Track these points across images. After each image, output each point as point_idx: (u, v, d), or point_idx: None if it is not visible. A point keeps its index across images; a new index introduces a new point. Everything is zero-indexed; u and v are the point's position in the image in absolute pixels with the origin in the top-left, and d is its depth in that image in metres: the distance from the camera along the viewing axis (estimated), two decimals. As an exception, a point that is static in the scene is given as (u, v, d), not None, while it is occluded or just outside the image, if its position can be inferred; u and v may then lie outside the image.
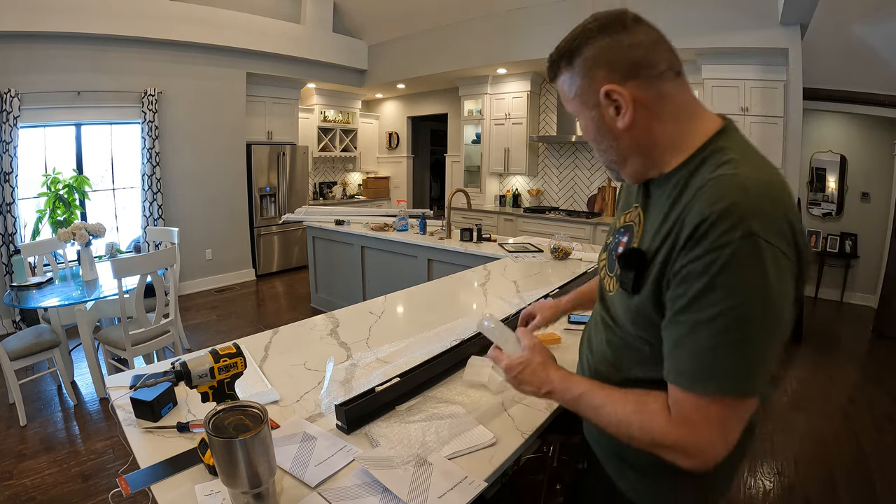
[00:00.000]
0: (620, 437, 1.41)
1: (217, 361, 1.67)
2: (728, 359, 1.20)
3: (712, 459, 1.25)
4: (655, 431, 1.31)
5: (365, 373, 2.39)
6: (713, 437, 1.25)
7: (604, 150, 1.49)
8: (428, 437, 1.83)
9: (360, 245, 7.06)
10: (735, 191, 1.21)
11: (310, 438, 1.83)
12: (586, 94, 1.43)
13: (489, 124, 10.51)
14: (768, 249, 1.16)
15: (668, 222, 1.34)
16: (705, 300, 1.20)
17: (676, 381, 1.29)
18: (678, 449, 1.28)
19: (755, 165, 1.31)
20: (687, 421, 1.27)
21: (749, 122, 7.13)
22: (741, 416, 1.25)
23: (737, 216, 1.17)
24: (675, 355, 1.29)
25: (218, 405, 1.48)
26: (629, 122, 1.39)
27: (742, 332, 1.18)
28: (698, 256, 1.21)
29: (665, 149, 1.42)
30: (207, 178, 9.29)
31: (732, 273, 1.17)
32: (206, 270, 9.56)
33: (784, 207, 1.22)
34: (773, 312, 1.19)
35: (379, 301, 3.64)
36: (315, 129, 12.04)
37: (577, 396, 1.50)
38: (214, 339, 6.89)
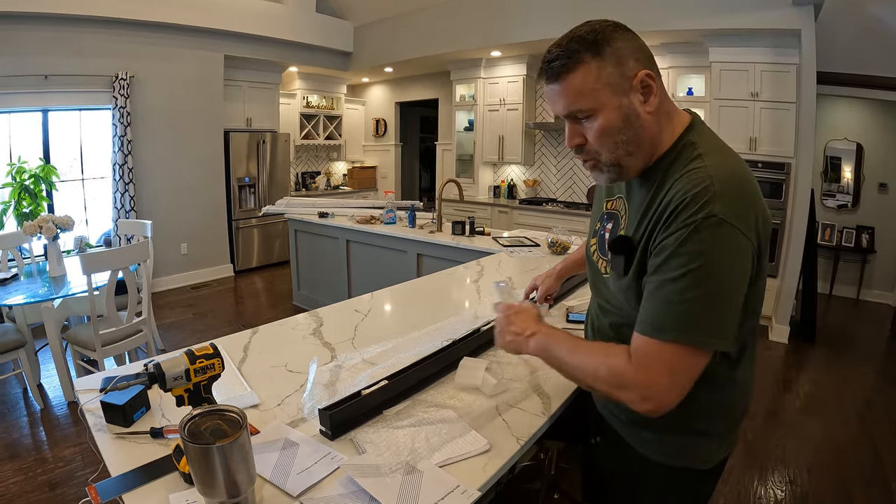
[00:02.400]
0: (587, 381, 1.67)
1: (193, 363, 1.66)
2: (685, 312, 1.47)
3: (664, 403, 1.50)
4: (618, 370, 1.56)
5: (350, 375, 2.38)
6: (664, 381, 1.50)
7: (623, 141, 1.62)
8: (417, 444, 1.82)
9: (345, 239, 7.06)
10: (703, 181, 1.49)
11: (292, 445, 1.82)
12: (619, 82, 1.57)
13: (482, 110, 10.51)
14: (727, 227, 1.44)
15: (650, 211, 1.63)
16: (671, 264, 1.50)
17: (640, 329, 1.56)
18: (634, 390, 1.52)
19: (721, 157, 1.59)
20: (643, 365, 1.52)
21: (759, 108, 7.16)
22: (689, 367, 1.50)
23: (702, 201, 1.46)
24: (643, 309, 1.58)
25: (194, 409, 1.48)
26: (656, 105, 1.61)
27: (698, 290, 1.46)
28: (670, 234, 1.51)
29: (658, 139, 1.66)
30: (183, 167, 9.26)
31: (694, 244, 1.46)
32: (182, 266, 9.52)
33: (746, 193, 1.51)
34: (727, 276, 1.47)
35: (365, 299, 3.63)
36: (297, 116, 12.03)
37: (555, 341, 1.78)
38: (190, 338, 6.86)
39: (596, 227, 2.01)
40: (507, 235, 6.15)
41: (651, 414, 1.52)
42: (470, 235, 6.08)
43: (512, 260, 4.87)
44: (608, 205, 1.93)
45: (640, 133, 1.60)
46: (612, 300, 1.84)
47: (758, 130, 7.20)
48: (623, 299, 1.74)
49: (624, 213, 1.80)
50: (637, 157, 1.65)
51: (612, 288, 1.81)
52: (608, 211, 1.92)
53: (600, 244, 1.93)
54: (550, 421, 2.08)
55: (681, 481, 1.83)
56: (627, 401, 1.54)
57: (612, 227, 1.85)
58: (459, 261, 5.33)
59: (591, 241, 2.02)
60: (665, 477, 1.83)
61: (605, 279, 1.86)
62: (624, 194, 1.84)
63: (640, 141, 1.62)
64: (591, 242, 2.03)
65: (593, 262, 1.98)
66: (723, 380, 1.69)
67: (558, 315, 3.22)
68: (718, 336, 1.48)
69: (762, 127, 7.19)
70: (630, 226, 1.72)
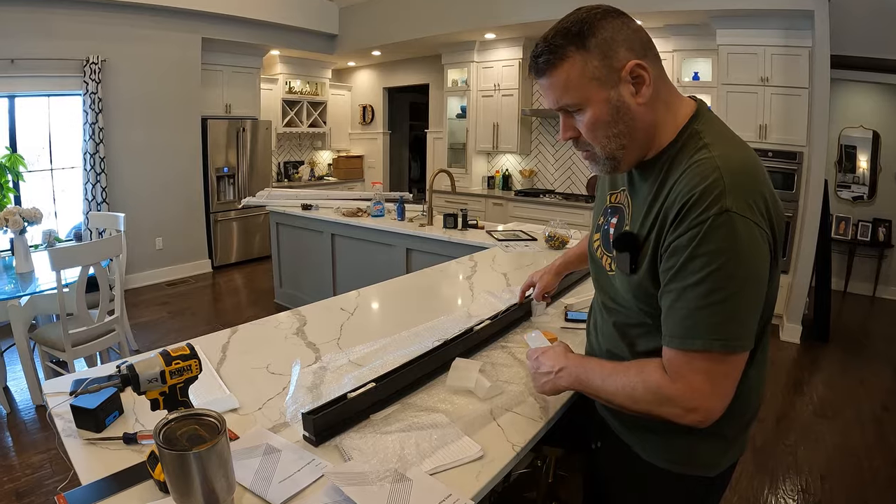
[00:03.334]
0: (626, 404, 1.68)
1: (168, 364, 1.65)
2: (711, 318, 1.48)
3: (711, 410, 1.53)
4: (656, 388, 1.58)
5: (335, 377, 2.37)
6: (705, 390, 1.51)
7: (615, 134, 1.63)
8: (407, 450, 1.82)
9: (330, 233, 7.06)
10: (711, 173, 1.49)
11: (273, 451, 1.82)
12: (606, 75, 1.58)
13: (476, 96, 10.52)
14: (741, 221, 1.44)
15: (656, 205, 1.63)
16: (689, 268, 1.49)
17: (669, 343, 1.57)
18: (677, 403, 1.54)
19: (728, 146, 1.59)
20: (680, 376, 1.54)
21: (769, 93, 7.17)
22: (727, 371, 1.52)
23: (713, 196, 1.46)
24: (667, 321, 1.58)
25: (169, 413, 1.47)
26: (649, 96, 1.60)
27: (722, 293, 1.46)
28: (682, 233, 1.51)
29: (657, 130, 1.66)
30: (157, 156, 9.24)
31: (710, 243, 1.45)
32: (157, 261, 9.51)
33: (757, 183, 1.52)
34: (749, 273, 1.48)
35: (351, 296, 3.63)
36: (279, 102, 12.02)
37: (586, 371, 1.81)
38: (165, 338, 6.86)
39: (599, 222, 2.00)
40: (501, 229, 6.15)
41: (700, 424, 1.54)
42: (462, 229, 6.09)
43: (507, 255, 4.88)
44: (612, 198, 1.93)
45: (633, 125, 1.61)
46: (618, 298, 1.84)
47: (768, 117, 7.21)
48: (630, 298, 1.74)
49: (628, 208, 1.80)
50: (631, 150, 1.66)
51: (617, 286, 1.81)
52: (612, 205, 1.92)
53: (604, 240, 1.92)
54: (548, 426, 2.08)
55: (686, 489, 1.82)
56: (672, 416, 1.56)
57: (618, 222, 1.84)
58: (451, 256, 5.34)
59: (595, 237, 2.02)
60: (670, 484, 1.82)
61: (610, 277, 1.86)
62: (626, 187, 1.83)
63: (633, 133, 1.63)
64: (594, 238, 2.03)
65: (597, 259, 1.98)
66: None
67: (556, 313, 3.23)
68: (746, 336, 1.50)
69: (773, 114, 7.20)
70: (635, 221, 1.72)
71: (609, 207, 1.94)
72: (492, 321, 2.78)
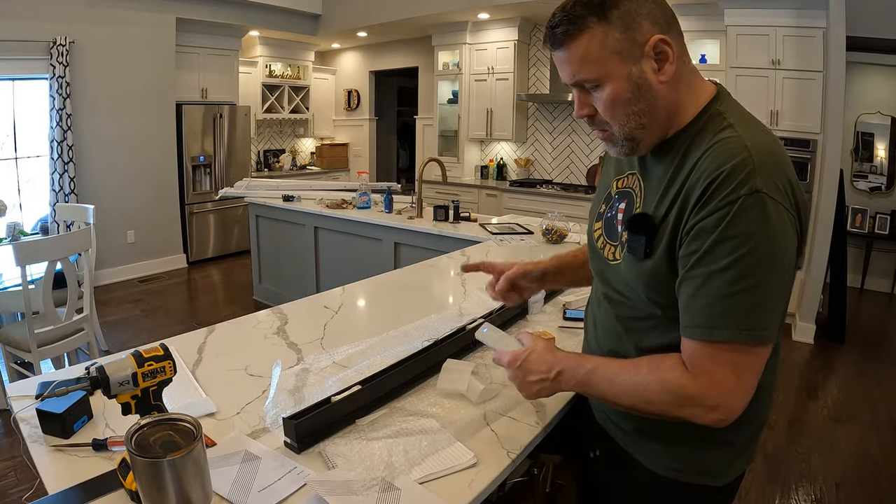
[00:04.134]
0: (637, 406, 1.64)
1: (141, 366, 1.64)
2: (739, 307, 1.46)
3: (734, 408, 1.51)
4: (675, 386, 1.54)
5: (319, 379, 2.38)
6: (730, 384, 1.49)
7: (635, 113, 1.61)
8: (395, 457, 1.81)
9: (313, 226, 7.07)
10: (739, 152, 1.47)
11: (252, 458, 1.82)
12: (628, 49, 1.55)
13: (468, 80, 10.52)
14: (772, 203, 1.44)
15: (675, 186, 1.60)
16: (717, 252, 1.46)
17: (691, 334, 1.54)
18: (699, 402, 1.51)
19: (753, 129, 1.58)
20: (703, 371, 1.51)
21: (781, 77, 7.17)
22: (753, 364, 1.51)
23: (742, 175, 1.44)
24: (690, 309, 1.54)
25: (142, 418, 1.46)
26: (672, 74, 1.58)
27: (752, 279, 1.44)
28: (709, 213, 1.47)
29: (678, 110, 1.64)
30: (129, 144, 9.21)
31: (740, 225, 1.43)
32: (128, 256, 9.49)
33: (784, 166, 1.52)
34: (779, 259, 1.46)
35: (336, 293, 3.63)
36: (259, 87, 12.00)
37: (590, 370, 1.73)
38: (138, 338, 6.84)
39: (601, 210, 1.98)
40: (496, 222, 6.17)
41: (720, 424, 1.52)
42: (454, 222, 6.10)
43: (502, 249, 4.87)
44: (619, 183, 1.90)
45: (654, 104, 1.59)
46: (622, 288, 1.81)
47: (779, 103, 7.22)
48: (639, 286, 1.70)
49: (640, 191, 1.77)
50: (651, 130, 1.63)
51: (624, 274, 1.77)
52: (621, 189, 1.89)
53: (608, 228, 1.90)
54: (545, 431, 2.08)
55: (691, 498, 1.81)
56: (692, 416, 1.54)
57: (627, 207, 1.82)
58: (442, 250, 5.34)
59: (596, 226, 1.99)
60: (674, 494, 1.81)
61: (614, 266, 1.83)
62: (637, 170, 1.82)
63: (654, 112, 1.60)
64: (594, 227, 2.00)
65: (598, 250, 1.94)
66: None
67: (554, 311, 3.24)
68: (773, 327, 1.49)
69: (784, 99, 7.20)
70: (649, 203, 1.70)
71: (617, 193, 1.90)
72: (486, 319, 2.77)
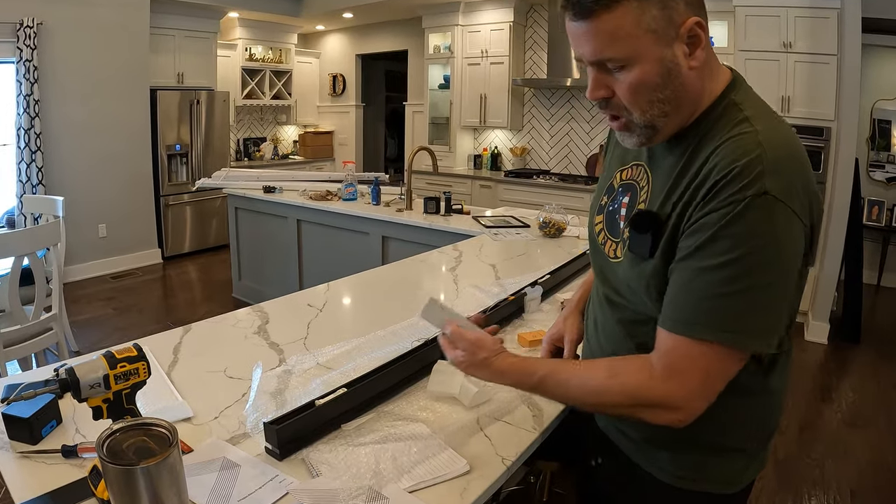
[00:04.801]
0: (596, 408, 1.77)
1: (113, 367, 1.64)
2: (728, 308, 1.45)
3: (696, 410, 1.52)
4: (638, 390, 1.56)
5: (302, 382, 2.38)
6: (699, 388, 1.50)
7: (660, 100, 1.55)
8: (383, 465, 1.81)
9: (296, 218, 7.06)
10: (753, 149, 1.45)
11: (232, 466, 1.81)
12: (664, 29, 1.48)
13: (461, 64, 10.52)
14: (780, 207, 1.41)
15: (683, 181, 1.58)
16: (713, 248, 1.45)
17: (673, 328, 1.53)
18: (663, 404, 1.53)
19: (770, 123, 1.55)
20: (676, 371, 1.51)
21: (793, 61, 7.15)
22: (727, 370, 1.51)
23: (753, 174, 1.41)
24: (676, 301, 1.54)
25: (114, 423, 1.46)
26: (702, 60, 1.54)
27: (745, 282, 1.43)
28: (712, 210, 1.45)
29: (697, 100, 1.60)
30: (101, 132, 9.17)
31: (741, 225, 1.41)
32: (100, 251, 9.45)
33: (800, 165, 1.50)
34: (780, 266, 1.44)
35: (320, 290, 3.63)
36: (238, 71, 11.98)
37: (540, 380, 1.75)
38: (110, 338, 6.83)
39: (602, 202, 1.95)
40: (490, 214, 6.17)
41: (677, 424, 1.53)
42: (446, 214, 6.10)
43: (496, 244, 4.88)
44: (623, 174, 1.87)
45: (681, 92, 1.55)
46: (623, 290, 1.79)
47: (791, 88, 7.21)
48: (640, 289, 1.69)
49: (646, 184, 1.74)
50: (673, 119, 1.59)
51: (624, 275, 1.75)
52: (625, 181, 1.85)
53: (609, 222, 1.88)
54: (543, 437, 2.08)
55: None
56: (649, 416, 1.56)
57: (630, 201, 1.79)
58: (433, 245, 5.33)
59: (597, 220, 1.97)
60: (679, 502, 1.81)
61: (615, 265, 1.81)
62: (645, 161, 1.78)
63: (680, 101, 1.56)
64: (595, 221, 1.98)
65: (598, 245, 1.92)
66: (753, 388, 1.67)
67: (552, 310, 3.24)
68: (763, 336, 1.49)
69: (796, 84, 7.20)
70: (654, 199, 1.67)
71: (621, 185, 1.87)
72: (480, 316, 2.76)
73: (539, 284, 3.30)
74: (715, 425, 1.65)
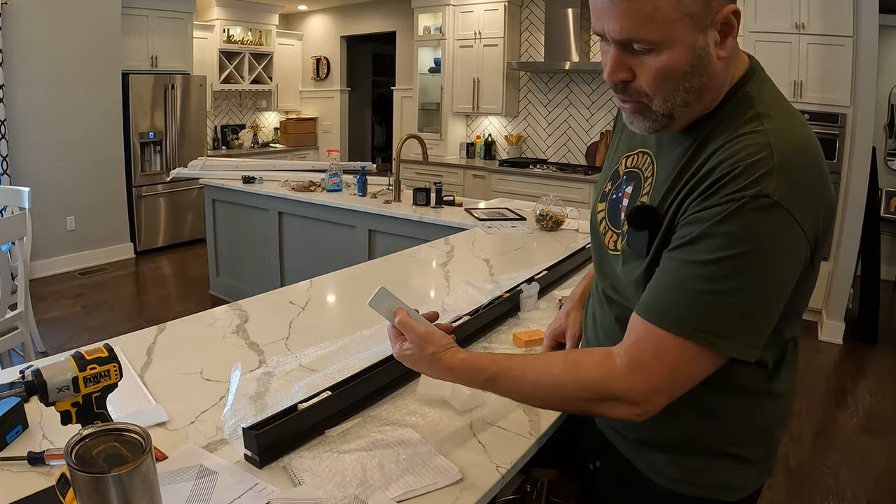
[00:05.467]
0: (551, 405, 1.76)
1: (83, 369, 1.62)
2: (707, 306, 1.43)
3: (654, 408, 1.52)
4: (597, 384, 1.56)
5: (284, 385, 2.37)
6: (659, 383, 1.49)
7: (686, 89, 1.51)
8: (369, 473, 1.81)
9: (277, 211, 7.05)
10: (760, 150, 1.42)
11: (209, 473, 1.81)
12: (701, 14, 1.43)
13: (452, 47, 10.52)
14: (780, 213, 1.38)
15: (685, 175, 1.56)
16: (701, 244, 1.44)
17: (646, 315, 1.52)
18: (622, 397, 1.52)
19: (784, 122, 1.51)
20: (640, 364, 1.50)
21: (805, 43, 7.12)
22: (695, 371, 1.49)
23: (756, 175, 1.39)
24: (656, 289, 1.54)
25: (84, 429, 1.45)
26: (731, 49, 1.51)
27: (730, 283, 1.41)
28: (708, 206, 1.44)
29: (720, 89, 1.56)
30: (69, 119, 9.13)
31: (736, 225, 1.39)
32: (68, 245, 9.42)
33: (811, 172, 1.46)
34: (768, 276, 1.43)
35: (303, 287, 3.63)
36: (216, 54, 11.97)
37: (491, 376, 1.73)
38: (79, 338, 6.83)
39: (605, 189, 1.94)
40: (483, 206, 6.17)
41: (634, 419, 1.53)
42: (436, 206, 6.11)
43: (490, 238, 4.88)
44: (629, 161, 1.86)
45: (707, 82, 1.51)
46: (620, 287, 1.80)
47: (803, 73, 7.19)
48: (634, 287, 1.67)
49: (650, 175, 1.73)
50: (693, 110, 1.55)
51: (619, 270, 1.76)
52: (630, 169, 1.84)
53: (612, 212, 1.87)
54: (540, 443, 2.08)
55: None
56: (606, 410, 1.57)
57: (633, 191, 1.77)
58: (423, 239, 5.33)
59: (599, 207, 1.96)
60: None
61: (612, 258, 1.81)
62: (652, 149, 1.76)
63: (704, 91, 1.53)
64: (598, 208, 1.97)
65: (599, 235, 1.92)
66: (757, 393, 1.68)
67: (549, 307, 3.24)
68: (742, 342, 1.46)
69: (809, 68, 7.17)
70: (657, 192, 1.65)
71: (625, 173, 1.86)
72: (472, 317, 2.79)
73: (536, 281, 3.30)
74: (716, 429, 1.66)
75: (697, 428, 1.56)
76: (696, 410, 1.66)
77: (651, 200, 1.66)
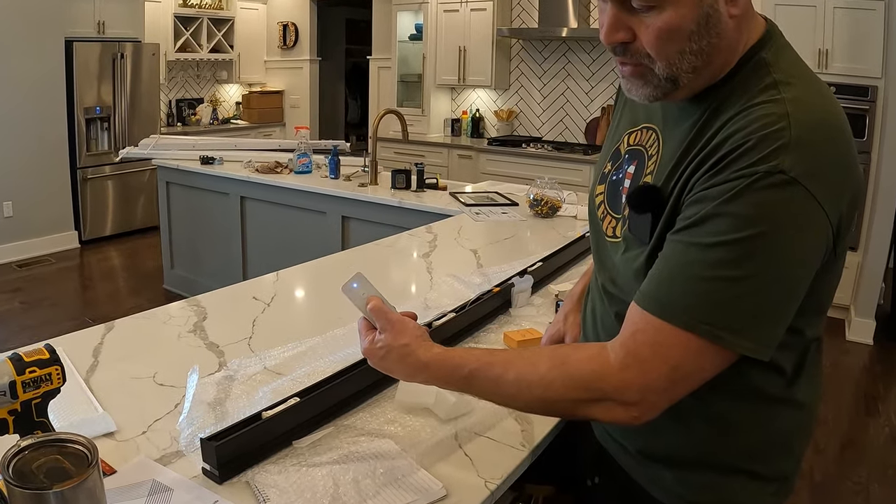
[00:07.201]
0: (536, 408, 1.73)
1: (21, 373, 1.61)
2: (714, 294, 1.41)
3: (650, 408, 1.48)
4: (588, 381, 1.53)
5: (246, 390, 2.37)
6: (657, 380, 1.45)
7: (692, 51, 1.47)
8: (343, 489, 1.80)
9: (239, 195, 7.06)
10: (776, 121, 1.38)
11: (162, 490, 1.80)
12: None
13: (436, 11, 10.51)
14: (798, 191, 1.35)
15: (692, 151, 1.53)
16: (707, 225, 1.41)
17: (645, 304, 1.49)
18: (616, 396, 1.49)
19: (804, 90, 1.48)
20: (637, 360, 1.47)
21: (832, 7, 7.12)
22: (698, 369, 1.46)
23: (770, 148, 1.35)
24: (658, 276, 1.51)
25: (22, 439, 1.45)
26: (744, 7, 1.48)
27: (740, 270, 1.38)
28: (716, 183, 1.41)
29: (732, 53, 1.53)
30: (4, 92, 9.08)
31: (744, 204, 1.36)
32: (5, 234, 9.38)
33: (835, 147, 1.43)
34: (784, 261, 1.39)
35: (268, 280, 3.62)
36: (170, 19, 11.90)
37: (469, 374, 1.69)
38: (17, 338, 6.79)
39: (605, 170, 1.93)
40: (470, 190, 6.20)
41: (631, 423, 1.50)
42: (418, 190, 6.11)
43: (478, 225, 4.89)
44: (632, 137, 1.83)
45: (716, 44, 1.47)
46: (619, 279, 1.77)
47: (829, 41, 7.20)
48: (635, 278, 1.63)
49: (655, 153, 1.70)
50: (701, 76, 1.51)
51: (618, 260, 1.75)
52: (632, 146, 1.82)
53: (611, 195, 1.86)
54: (533, 456, 2.07)
55: None
56: (600, 413, 1.54)
57: (636, 171, 1.75)
58: (403, 226, 5.33)
59: (598, 190, 1.95)
60: None
61: (611, 246, 1.81)
62: (658, 124, 1.73)
63: (713, 55, 1.48)
64: (596, 191, 1.96)
65: (597, 221, 1.91)
66: (775, 400, 1.65)
67: (545, 304, 3.25)
68: (753, 337, 1.41)
69: (836, 36, 7.18)
70: (662, 171, 1.62)
71: (626, 151, 1.83)
72: (457, 314, 2.78)
73: (529, 274, 3.29)
74: (728, 441, 1.65)
75: (706, 439, 1.55)
76: (705, 419, 1.64)
77: (655, 180, 1.63)
